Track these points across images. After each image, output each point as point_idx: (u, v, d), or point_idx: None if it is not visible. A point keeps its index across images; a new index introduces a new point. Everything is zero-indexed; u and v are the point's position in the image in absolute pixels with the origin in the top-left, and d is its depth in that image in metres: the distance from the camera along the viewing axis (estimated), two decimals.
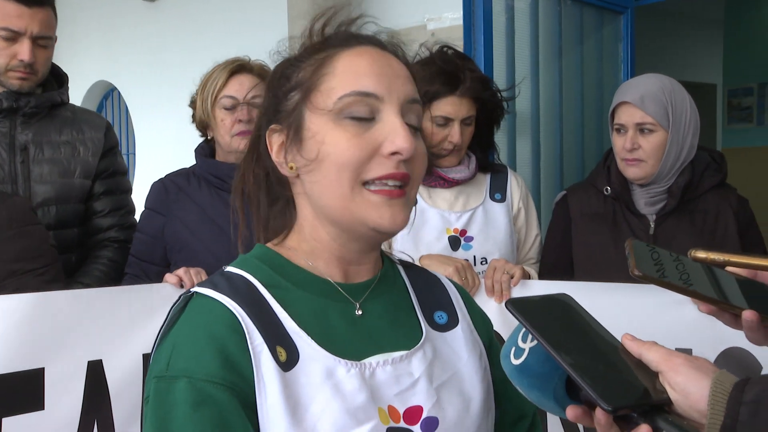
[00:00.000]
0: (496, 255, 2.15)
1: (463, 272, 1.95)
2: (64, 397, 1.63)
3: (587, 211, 2.22)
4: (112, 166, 2.32)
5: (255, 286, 0.96)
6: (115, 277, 2.21)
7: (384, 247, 2.12)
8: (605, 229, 2.17)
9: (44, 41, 2.12)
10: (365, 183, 0.94)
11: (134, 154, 6.16)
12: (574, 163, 3.25)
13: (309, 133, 0.96)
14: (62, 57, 6.26)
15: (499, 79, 2.75)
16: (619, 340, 0.90)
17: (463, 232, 2.15)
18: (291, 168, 0.99)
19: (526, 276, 2.06)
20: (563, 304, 0.94)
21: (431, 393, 0.97)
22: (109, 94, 6.50)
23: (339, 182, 0.94)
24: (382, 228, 0.95)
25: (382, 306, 1.03)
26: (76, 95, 6.27)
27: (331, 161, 0.94)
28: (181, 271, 1.85)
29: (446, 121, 2.08)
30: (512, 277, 1.97)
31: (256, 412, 0.88)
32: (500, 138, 2.83)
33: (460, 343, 1.06)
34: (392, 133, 0.93)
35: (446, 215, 2.15)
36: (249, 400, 0.88)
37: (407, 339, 1.01)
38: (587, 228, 2.20)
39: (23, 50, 2.06)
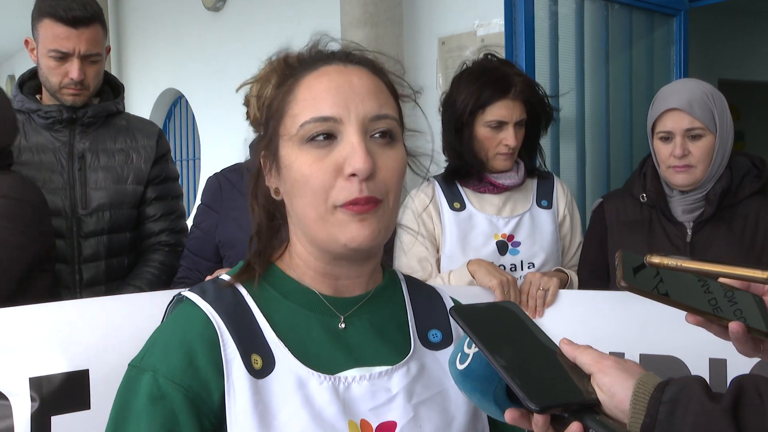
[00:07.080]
0: (542, 259, 2.17)
1: (507, 287, 1.96)
2: (110, 397, 1.71)
3: (623, 219, 2.20)
4: (163, 172, 2.41)
5: (241, 295, 1.01)
6: (166, 279, 2.30)
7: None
8: (641, 236, 2.15)
9: (93, 57, 2.22)
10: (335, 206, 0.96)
11: (199, 159, 6.35)
12: (621, 170, 3.21)
13: (283, 160, 0.99)
14: (134, 65, 6.59)
15: (542, 85, 2.74)
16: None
17: (511, 237, 2.17)
18: (277, 193, 1.03)
19: (564, 284, 2.07)
20: (507, 312, 0.95)
21: (408, 409, 0.99)
22: (177, 101, 6.71)
23: (314, 206, 0.96)
24: (352, 244, 0.96)
25: (371, 321, 1.05)
26: (148, 102, 6.53)
27: (301, 187, 0.96)
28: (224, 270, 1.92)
29: (500, 125, 2.10)
30: (547, 291, 1.97)
31: (213, 419, 0.93)
32: (543, 143, 2.82)
33: None
34: (350, 154, 0.93)
35: (494, 220, 2.17)
36: (205, 407, 0.93)
37: (392, 354, 1.03)
38: (623, 235, 2.18)
39: (73, 69, 2.18)
